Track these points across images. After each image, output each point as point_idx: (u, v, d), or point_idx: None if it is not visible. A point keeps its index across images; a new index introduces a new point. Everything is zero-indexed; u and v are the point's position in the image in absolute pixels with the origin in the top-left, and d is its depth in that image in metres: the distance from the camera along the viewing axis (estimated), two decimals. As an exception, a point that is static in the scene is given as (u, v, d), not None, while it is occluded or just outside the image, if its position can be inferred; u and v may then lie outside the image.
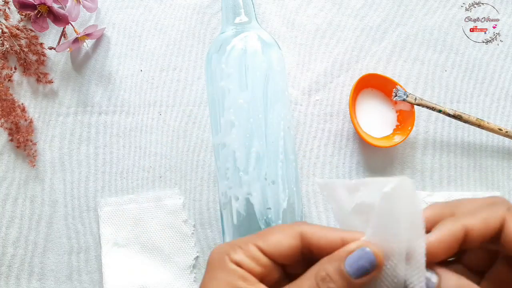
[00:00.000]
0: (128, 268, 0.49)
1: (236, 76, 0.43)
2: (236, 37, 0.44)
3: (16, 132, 0.51)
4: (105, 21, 0.52)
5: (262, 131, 0.42)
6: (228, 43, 0.44)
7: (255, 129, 0.42)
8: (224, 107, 0.43)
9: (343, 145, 0.51)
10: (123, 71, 0.52)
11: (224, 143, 0.43)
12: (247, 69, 0.43)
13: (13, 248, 0.50)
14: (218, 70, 0.44)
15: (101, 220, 0.50)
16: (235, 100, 0.42)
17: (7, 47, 0.51)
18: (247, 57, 0.43)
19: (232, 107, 0.42)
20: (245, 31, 0.45)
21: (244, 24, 0.46)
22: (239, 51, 0.43)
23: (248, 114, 0.42)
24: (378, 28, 0.52)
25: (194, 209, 0.50)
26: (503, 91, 0.52)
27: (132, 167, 0.51)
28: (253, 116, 0.42)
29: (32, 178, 0.51)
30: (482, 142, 0.52)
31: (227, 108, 0.43)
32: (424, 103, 0.49)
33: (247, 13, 0.46)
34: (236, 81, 0.43)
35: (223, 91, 0.43)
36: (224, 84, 0.43)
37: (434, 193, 0.51)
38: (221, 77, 0.43)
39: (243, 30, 0.45)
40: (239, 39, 0.44)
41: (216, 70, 0.44)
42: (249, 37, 0.44)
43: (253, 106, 0.42)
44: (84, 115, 0.51)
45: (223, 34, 0.45)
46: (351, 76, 0.52)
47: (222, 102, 0.43)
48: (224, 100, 0.43)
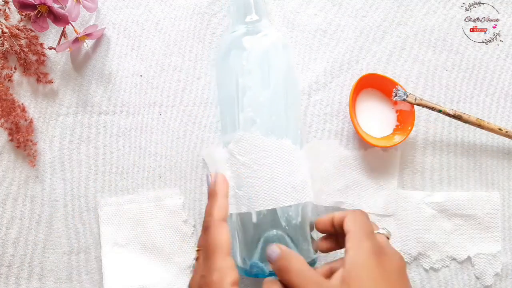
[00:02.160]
0: (128, 268, 0.49)
1: (258, 74, 0.44)
2: (255, 35, 0.45)
3: (16, 132, 0.51)
4: (105, 21, 0.52)
5: (283, 129, 0.43)
6: (245, 40, 0.44)
7: (276, 127, 0.43)
8: (244, 104, 0.43)
9: (343, 145, 0.51)
10: (123, 71, 0.52)
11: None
12: (270, 67, 0.44)
13: (13, 248, 0.50)
14: (238, 66, 0.44)
15: (101, 220, 0.50)
16: (257, 98, 0.43)
17: (7, 47, 0.51)
18: (270, 56, 0.44)
19: (253, 104, 0.43)
20: (257, 30, 0.45)
21: (255, 22, 0.46)
22: (262, 49, 0.44)
23: (270, 111, 0.43)
24: (378, 28, 0.52)
25: (194, 209, 0.51)
26: (503, 91, 0.52)
27: (132, 167, 0.51)
28: (275, 114, 0.43)
29: (32, 178, 0.51)
30: (482, 142, 0.51)
31: (247, 105, 0.43)
32: (424, 103, 0.49)
33: (258, 11, 0.46)
34: (258, 79, 0.43)
35: (243, 87, 0.43)
36: (244, 81, 0.43)
37: (434, 193, 0.51)
38: (242, 74, 0.44)
39: (255, 29, 0.45)
40: (258, 37, 0.45)
41: (234, 67, 0.44)
42: (269, 35, 0.45)
43: (275, 104, 0.43)
44: (84, 115, 0.51)
45: (234, 33, 0.46)
46: (351, 76, 0.52)
47: (242, 99, 0.43)
48: (244, 97, 0.43)
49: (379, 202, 0.50)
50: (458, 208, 0.50)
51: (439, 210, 0.50)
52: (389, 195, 0.50)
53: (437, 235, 0.50)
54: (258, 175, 0.42)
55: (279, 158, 0.42)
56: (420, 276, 0.50)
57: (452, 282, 0.50)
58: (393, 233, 0.49)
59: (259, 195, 0.42)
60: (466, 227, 0.50)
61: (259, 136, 0.42)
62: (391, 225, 0.50)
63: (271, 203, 0.41)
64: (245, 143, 0.43)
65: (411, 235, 0.50)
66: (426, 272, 0.50)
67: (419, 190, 0.51)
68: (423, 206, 0.50)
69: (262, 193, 0.42)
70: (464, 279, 0.50)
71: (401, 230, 0.50)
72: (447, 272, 0.50)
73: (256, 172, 0.42)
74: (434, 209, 0.50)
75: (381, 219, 0.50)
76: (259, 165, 0.42)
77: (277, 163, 0.42)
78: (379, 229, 0.39)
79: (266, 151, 0.42)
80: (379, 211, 0.49)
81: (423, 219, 0.50)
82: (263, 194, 0.42)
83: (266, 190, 0.42)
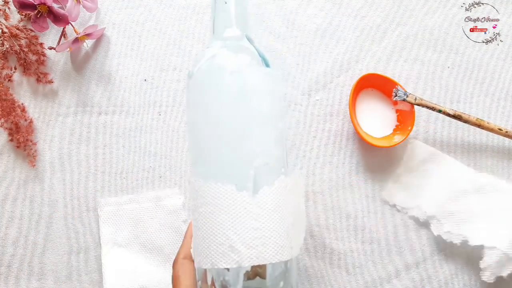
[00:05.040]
0: (128, 268, 0.49)
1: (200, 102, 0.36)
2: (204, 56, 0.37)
3: (16, 132, 0.51)
4: (105, 21, 0.52)
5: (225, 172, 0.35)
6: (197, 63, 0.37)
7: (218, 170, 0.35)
8: (189, 141, 0.37)
9: (343, 145, 0.51)
10: (123, 71, 0.52)
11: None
12: (211, 94, 0.35)
13: (13, 248, 0.50)
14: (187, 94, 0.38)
15: (101, 220, 0.50)
16: (196, 134, 0.36)
17: (7, 47, 0.51)
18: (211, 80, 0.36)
19: (194, 142, 0.36)
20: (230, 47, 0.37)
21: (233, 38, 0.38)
22: (203, 73, 0.36)
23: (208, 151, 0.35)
24: (378, 28, 0.52)
25: (194, 209, 0.50)
26: (503, 91, 0.52)
27: (132, 167, 0.51)
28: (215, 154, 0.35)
29: (32, 178, 0.51)
30: (482, 142, 0.51)
31: (191, 142, 0.37)
32: (424, 103, 0.48)
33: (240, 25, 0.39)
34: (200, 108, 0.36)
35: (188, 119, 0.37)
36: (190, 110, 0.37)
37: (477, 172, 0.50)
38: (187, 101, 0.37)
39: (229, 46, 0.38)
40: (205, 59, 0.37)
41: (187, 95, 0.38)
42: (217, 56, 0.36)
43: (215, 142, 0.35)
44: (84, 115, 0.51)
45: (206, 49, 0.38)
46: (351, 76, 0.52)
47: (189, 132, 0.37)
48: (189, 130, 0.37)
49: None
50: (495, 196, 0.49)
51: (475, 189, 0.49)
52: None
53: (461, 211, 0.48)
54: (197, 225, 0.35)
55: (216, 207, 0.34)
56: (420, 276, 0.50)
57: (452, 282, 0.50)
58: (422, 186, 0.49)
59: (197, 249, 0.36)
60: (495, 217, 0.48)
61: (198, 179, 0.35)
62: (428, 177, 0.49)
63: (205, 261, 0.34)
64: (190, 186, 0.37)
65: (436, 197, 0.49)
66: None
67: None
68: (462, 178, 0.49)
69: (199, 248, 0.35)
70: (464, 279, 0.50)
71: (430, 188, 0.49)
72: (447, 272, 0.50)
73: (196, 222, 0.35)
74: (471, 186, 0.49)
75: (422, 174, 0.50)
76: (198, 213, 0.35)
77: (214, 213, 0.34)
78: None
79: (203, 198, 0.34)
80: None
81: (455, 189, 0.49)
82: (200, 249, 0.35)
83: (201, 245, 0.35)
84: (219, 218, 0.34)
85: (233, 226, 0.33)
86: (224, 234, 0.33)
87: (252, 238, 0.33)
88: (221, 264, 0.33)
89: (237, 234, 0.33)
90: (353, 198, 0.51)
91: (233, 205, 0.34)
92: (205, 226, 0.34)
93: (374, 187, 0.51)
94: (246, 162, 0.34)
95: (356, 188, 0.51)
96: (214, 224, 0.34)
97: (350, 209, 0.50)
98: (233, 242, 0.33)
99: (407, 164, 0.50)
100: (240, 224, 0.33)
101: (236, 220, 0.34)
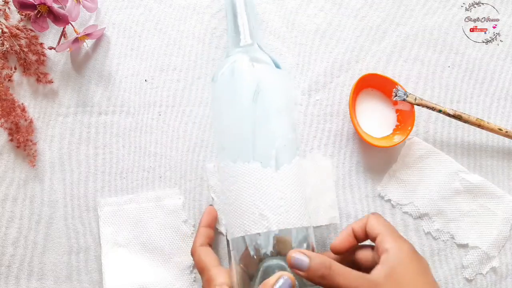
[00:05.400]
0: (128, 268, 0.49)
1: (222, 99, 0.44)
2: (227, 63, 0.44)
3: (16, 132, 0.51)
4: (105, 21, 0.52)
5: (250, 152, 0.41)
6: (219, 66, 0.45)
7: (243, 152, 0.41)
8: (215, 131, 0.44)
9: (343, 145, 0.51)
10: (123, 71, 0.52)
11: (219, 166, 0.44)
12: (234, 91, 0.43)
13: (13, 248, 0.50)
14: (213, 95, 0.45)
15: (101, 220, 0.50)
16: (223, 123, 0.43)
17: (7, 47, 0.51)
18: (235, 81, 0.43)
19: (221, 130, 0.44)
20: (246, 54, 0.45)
21: (248, 46, 0.46)
22: (226, 74, 0.44)
23: (235, 136, 0.42)
24: (378, 28, 0.52)
25: (194, 209, 0.50)
26: (503, 91, 0.52)
27: (132, 167, 0.51)
28: (240, 138, 0.42)
29: (32, 178, 0.51)
30: (482, 142, 0.51)
31: (217, 131, 0.44)
32: (424, 103, 0.48)
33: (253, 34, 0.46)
34: (222, 104, 0.43)
35: (213, 114, 0.44)
36: (213, 108, 0.44)
37: (471, 172, 0.51)
38: (211, 101, 0.45)
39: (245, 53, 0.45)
40: (228, 64, 0.44)
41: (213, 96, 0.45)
42: (238, 61, 0.44)
43: (239, 128, 0.42)
44: (84, 115, 0.51)
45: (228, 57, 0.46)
46: (351, 76, 0.52)
47: (215, 125, 0.44)
48: (214, 123, 0.44)
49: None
50: (484, 197, 0.50)
51: (466, 189, 0.50)
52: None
53: (452, 210, 0.50)
54: (229, 201, 0.41)
55: (246, 184, 0.40)
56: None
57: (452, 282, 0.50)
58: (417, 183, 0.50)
59: (230, 222, 0.41)
60: (481, 218, 0.50)
61: (228, 162, 0.42)
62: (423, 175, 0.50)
63: (238, 230, 0.40)
64: (220, 170, 0.43)
65: (430, 195, 0.50)
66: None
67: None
68: (455, 177, 0.50)
69: (232, 221, 0.41)
70: (464, 279, 0.50)
71: (425, 185, 0.50)
72: (447, 272, 0.50)
73: (228, 199, 0.42)
74: (462, 185, 0.50)
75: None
76: (229, 191, 0.41)
77: (244, 188, 0.40)
78: None
79: (234, 177, 0.41)
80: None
81: (448, 188, 0.50)
82: (233, 221, 0.41)
83: (234, 217, 0.41)
84: (249, 191, 0.40)
85: (261, 197, 0.40)
86: (254, 204, 0.40)
87: (277, 206, 0.40)
88: (253, 230, 0.39)
89: (265, 203, 0.40)
90: (353, 198, 0.51)
91: (260, 179, 0.40)
92: (237, 201, 0.40)
93: (374, 187, 0.51)
94: (268, 144, 0.41)
95: (356, 188, 0.51)
96: (245, 197, 0.40)
97: (350, 209, 0.50)
98: (262, 210, 0.39)
99: (404, 160, 0.50)
100: (267, 195, 0.40)
101: (263, 192, 0.40)
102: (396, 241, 0.40)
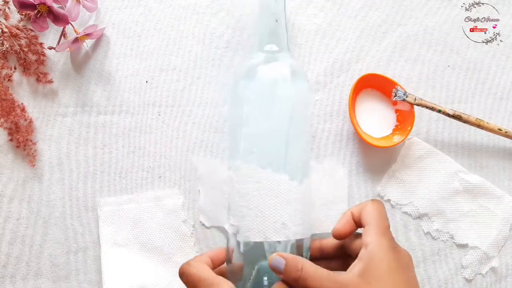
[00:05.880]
0: (128, 268, 0.49)
1: (261, 104, 0.43)
2: (266, 65, 0.45)
3: (16, 132, 0.51)
4: (105, 21, 0.52)
5: (281, 163, 0.42)
6: (257, 70, 0.45)
7: (274, 160, 0.42)
8: (245, 133, 0.43)
9: (342, 145, 0.51)
10: (122, 71, 0.52)
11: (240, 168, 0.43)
12: (274, 99, 0.43)
13: (11, 247, 0.50)
14: (244, 95, 0.44)
15: (100, 220, 0.50)
16: (256, 128, 0.43)
17: (7, 47, 0.51)
18: (277, 87, 0.44)
19: (252, 134, 0.43)
20: (274, 60, 0.45)
21: (275, 52, 0.46)
22: (268, 79, 0.44)
23: (268, 143, 0.43)
24: (378, 28, 0.52)
25: (193, 209, 0.50)
26: (503, 91, 0.52)
27: (132, 167, 0.51)
28: (274, 147, 0.43)
29: (31, 177, 0.51)
30: (482, 142, 0.51)
31: (247, 134, 0.43)
32: (424, 103, 0.48)
33: (279, 42, 0.46)
34: (261, 109, 0.43)
35: (246, 116, 0.43)
36: (248, 110, 0.43)
37: (470, 172, 0.51)
38: (247, 103, 0.44)
39: (273, 59, 0.45)
40: (269, 67, 0.45)
41: (241, 95, 0.44)
42: (280, 66, 0.45)
43: (274, 137, 0.43)
44: (83, 115, 0.51)
45: (252, 60, 0.46)
46: (351, 76, 0.52)
47: (244, 127, 0.43)
48: (246, 126, 0.43)
49: None
50: (483, 197, 0.50)
51: (466, 189, 0.50)
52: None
53: (451, 210, 0.50)
54: (250, 205, 0.42)
55: (272, 192, 0.41)
56: (420, 276, 0.50)
57: (452, 282, 0.50)
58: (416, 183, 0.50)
59: (248, 226, 0.42)
60: (480, 218, 0.50)
61: (256, 167, 0.42)
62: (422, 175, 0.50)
63: (258, 236, 0.41)
64: (243, 172, 0.43)
65: (429, 195, 0.50)
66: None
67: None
68: (454, 177, 0.50)
69: (251, 225, 0.41)
70: (464, 279, 0.50)
71: (424, 185, 0.50)
72: (447, 272, 0.50)
73: (248, 203, 0.42)
74: (462, 185, 0.50)
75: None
76: (252, 196, 0.42)
77: (270, 196, 0.41)
78: None
79: (260, 183, 0.42)
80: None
81: (448, 188, 0.50)
82: (252, 226, 0.41)
83: (255, 222, 0.41)
84: (274, 200, 0.41)
85: (285, 207, 0.41)
86: (278, 213, 0.41)
87: (298, 218, 0.42)
88: (274, 238, 0.41)
89: (288, 213, 0.41)
90: (353, 198, 0.51)
91: (287, 191, 0.42)
92: (260, 207, 0.41)
93: (374, 187, 0.51)
94: (297, 157, 0.43)
95: (356, 188, 0.51)
96: (270, 205, 0.41)
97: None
98: (285, 220, 0.41)
99: (403, 160, 0.50)
100: (290, 206, 0.42)
101: (287, 203, 0.42)
102: (377, 235, 0.38)
